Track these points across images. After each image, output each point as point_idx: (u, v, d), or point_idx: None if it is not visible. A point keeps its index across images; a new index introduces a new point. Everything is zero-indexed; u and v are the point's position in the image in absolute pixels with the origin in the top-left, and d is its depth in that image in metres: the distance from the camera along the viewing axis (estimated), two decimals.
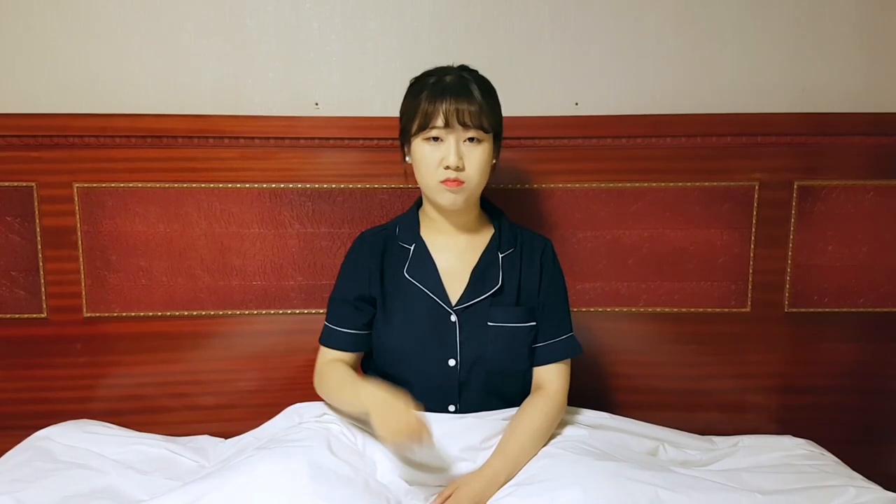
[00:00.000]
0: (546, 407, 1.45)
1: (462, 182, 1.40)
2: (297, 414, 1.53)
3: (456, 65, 1.45)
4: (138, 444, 1.59)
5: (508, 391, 1.50)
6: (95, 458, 1.52)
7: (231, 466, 1.34)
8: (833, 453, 1.61)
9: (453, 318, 1.46)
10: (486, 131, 1.39)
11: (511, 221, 1.55)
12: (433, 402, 1.45)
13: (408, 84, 1.46)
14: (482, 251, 1.49)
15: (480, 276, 1.47)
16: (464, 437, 1.42)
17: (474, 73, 1.45)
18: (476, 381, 1.46)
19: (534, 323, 1.48)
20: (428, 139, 1.39)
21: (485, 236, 1.51)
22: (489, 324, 1.46)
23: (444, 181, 1.40)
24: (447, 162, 1.38)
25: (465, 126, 1.38)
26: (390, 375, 1.48)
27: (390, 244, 1.51)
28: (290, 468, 1.27)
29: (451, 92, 1.38)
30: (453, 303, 1.46)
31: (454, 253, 1.49)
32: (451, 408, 1.47)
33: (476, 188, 1.43)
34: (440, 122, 1.37)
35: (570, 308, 1.54)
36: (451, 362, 1.45)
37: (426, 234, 1.51)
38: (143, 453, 1.56)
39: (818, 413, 1.83)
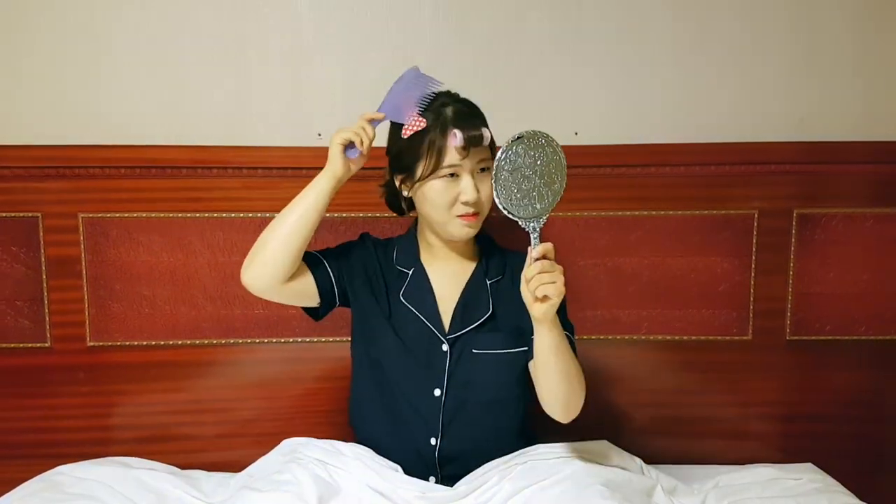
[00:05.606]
0: None
1: (478, 214, 1.40)
2: (291, 451, 1.50)
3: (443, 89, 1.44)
4: (147, 477, 1.56)
5: (496, 424, 1.47)
6: (103, 490, 1.49)
7: None
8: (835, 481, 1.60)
9: (445, 347, 1.45)
10: (492, 157, 1.38)
11: (498, 246, 1.55)
12: (416, 432, 1.44)
13: None
14: (468, 278, 1.48)
15: (468, 304, 1.46)
16: None
17: (464, 100, 1.44)
18: (461, 412, 1.44)
19: (524, 348, 1.43)
20: (444, 177, 1.38)
21: (474, 263, 1.50)
22: (474, 351, 1.44)
23: (462, 215, 1.39)
24: (466, 198, 1.37)
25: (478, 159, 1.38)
26: (373, 402, 1.47)
27: (387, 265, 1.51)
28: None
29: (459, 125, 1.36)
30: (446, 331, 1.45)
31: (447, 280, 1.48)
32: (433, 440, 1.44)
33: (485, 215, 1.44)
34: (456, 159, 1.36)
35: (566, 310, 1.45)
36: (437, 392, 1.44)
37: (423, 259, 1.50)
38: (149, 486, 1.53)
39: (820, 441, 1.82)
